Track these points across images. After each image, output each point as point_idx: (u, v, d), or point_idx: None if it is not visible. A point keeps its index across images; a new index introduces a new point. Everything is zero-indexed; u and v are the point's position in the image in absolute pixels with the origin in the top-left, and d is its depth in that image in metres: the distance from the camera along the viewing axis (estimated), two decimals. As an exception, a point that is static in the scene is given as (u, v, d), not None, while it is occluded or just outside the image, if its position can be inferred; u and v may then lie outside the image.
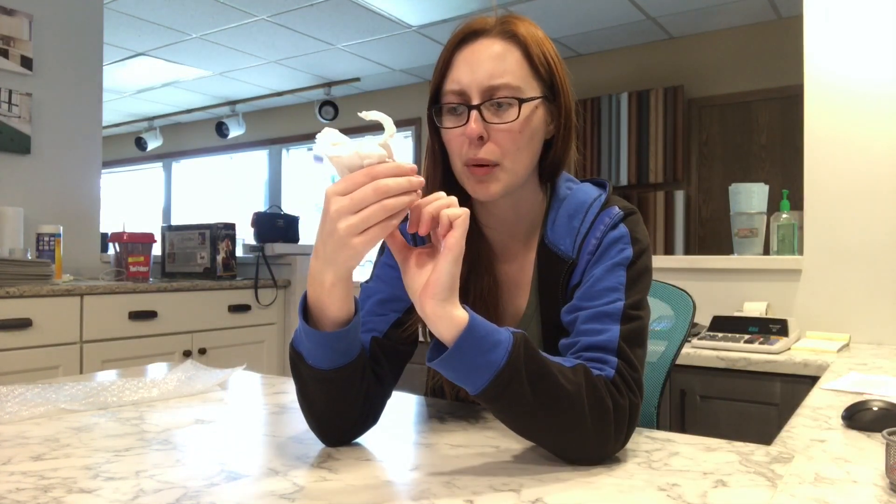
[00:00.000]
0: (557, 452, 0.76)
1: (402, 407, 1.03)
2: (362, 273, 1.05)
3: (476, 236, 0.95)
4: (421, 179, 0.68)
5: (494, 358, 0.69)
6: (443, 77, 0.89)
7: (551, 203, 0.95)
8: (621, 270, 0.85)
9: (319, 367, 0.76)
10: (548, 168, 0.95)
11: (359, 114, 0.69)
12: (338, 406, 0.79)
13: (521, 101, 0.86)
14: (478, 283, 0.93)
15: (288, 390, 1.16)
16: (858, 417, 0.97)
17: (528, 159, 0.90)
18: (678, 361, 1.33)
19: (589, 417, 0.72)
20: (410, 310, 0.92)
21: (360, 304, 0.80)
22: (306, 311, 0.75)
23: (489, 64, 0.86)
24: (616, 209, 0.90)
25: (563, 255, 0.90)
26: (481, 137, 0.85)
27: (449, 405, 1.02)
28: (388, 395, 0.88)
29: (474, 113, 0.85)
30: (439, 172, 0.93)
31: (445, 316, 0.69)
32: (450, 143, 0.89)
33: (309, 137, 6.24)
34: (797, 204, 2.19)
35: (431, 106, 0.91)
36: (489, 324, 0.71)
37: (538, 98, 0.88)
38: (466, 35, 0.89)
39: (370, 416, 0.84)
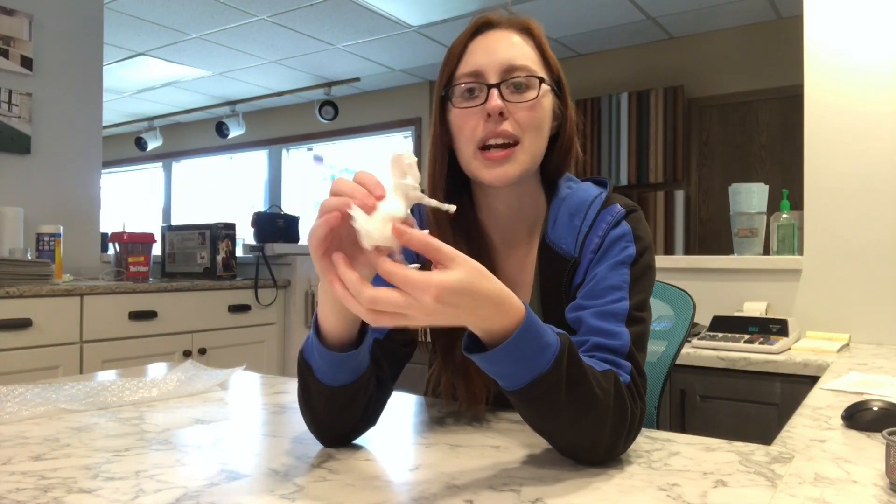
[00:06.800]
0: (566, 451, 0.75)
1: (402, 407, 1.03)
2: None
3: (477, 235, 0.95)
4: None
5: (540, 361, 0.66)
6: (456, 65, 0.90)
7: (552, 202, 0.95)
8: (625, 268, 0.85)
9: (327, 383, 0.75)
10: (553, 167, 0.96)
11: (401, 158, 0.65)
12: (340, 417, 0.79)
13: (542, 80, 0.88)
14: None
15: (288, 390, 1.16)
16: (858, 417, 0.97)
17: (542, 143, 0.91)
18: (678, 361, 1.33)
19: (610, 423, 0.71)
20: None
21: None
22: (320, 327, 0.74)
23: (507, 48, 0.88)
24: (618, 207, 0.90)
25: (565, 253, 0.90)
26: (501, 113, 0.85)
27: (449, 405, 1.02)
28: (387, 397, 0.88)
29: (494, 90, 0.86)
30: (445, 165, 0.93)
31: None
32: (463, 127, 0.88)
33: (309, 137, 6.25)
34: (797, 204, 2.19)
35: (443, 89, 0.91)
36: (539, 325, 0.67)
37: (550, 86, 0.91)
38: (481, 26, 0.91)
39: (370, 419, 0.84)
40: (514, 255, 0.97)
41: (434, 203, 0.66)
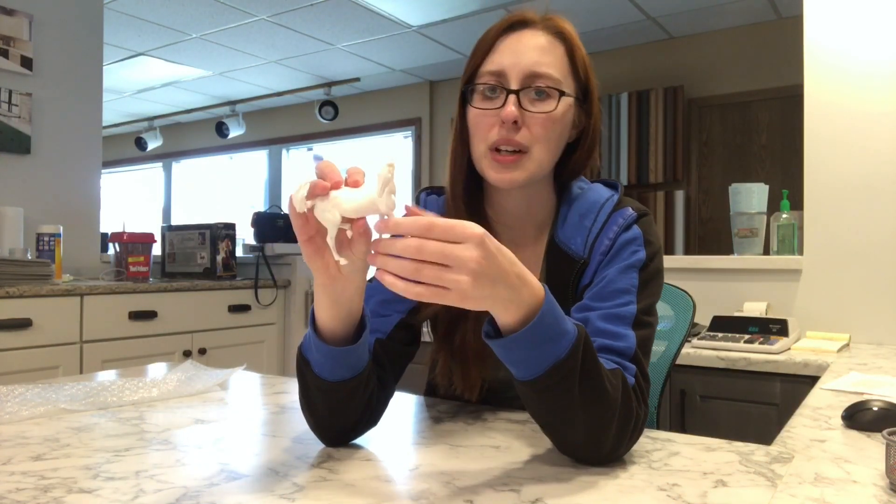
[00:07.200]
0: (569, 448, 0.75)
1: (402, 407, 1.03)
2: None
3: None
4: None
5: (558, 347, 0.66)
6: (482, 60, 0.89)
7: (562, 202, 0.95)
8: (634, 272, 0.85)
9: (326, 378, 0.75)
10: (568, 172, 0.95)
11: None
12: (340, 414, 0.78)
13: (562, 94, 0.87)
14: None
15: (288, 390, 1.16)
16: (858, 417, 0.97)
17: (553, 154, 0.90)
18: (678, 361, 1.33)
19: (616, 422, 0.71)
20: (414, 311, 0.91)
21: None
22: (316, 322, 0.74)
23: (534, 53, 0.87)
24: (629, 210, 0.90)
25: (574, 254, 0.90)
26: (515, 122, 0.85)
27: (449, 405, 1.02)
28: (389, 397, 0.88)
29: (512, 97, 0.85)
30: (466, 159, 0.92)
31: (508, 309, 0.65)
32: (477, 126, 0.88)
33: (309, 137, 6.25)
34: (797, 204, 2.19)
35: (465, 85, 0.90)
36: (558, 308, 0.67)
37: (573, 97, 0.89)
38: (513, 24, 0.90)
39: (371, 419, 0.84)
40: (522, 254, 0.96)
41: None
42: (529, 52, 0.87)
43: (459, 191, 0.93)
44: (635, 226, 0.89)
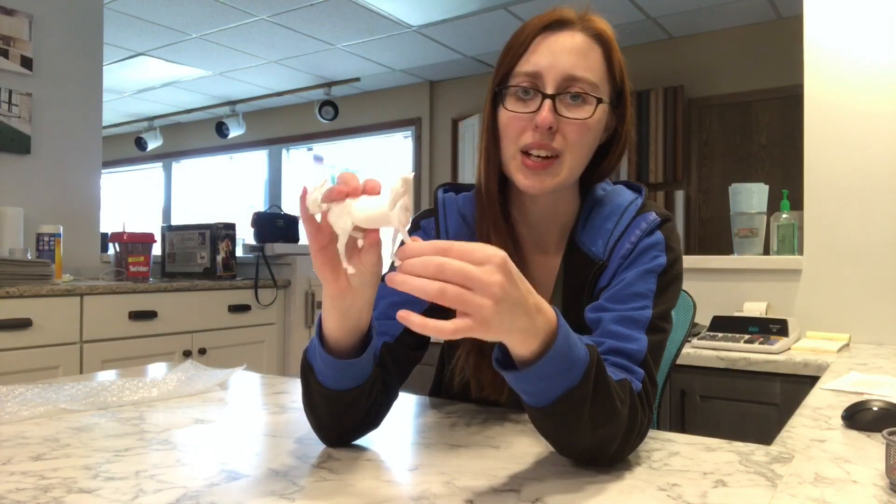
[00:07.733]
0: (571, 456, 0.74)
1: (402, 407, 1.03)
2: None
3: (507, 231, 0.93)
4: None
5: (568, 378, 0.65)
6: (518, 59, 0.87)
7: (584, 204, 0.94)
8: (653, 277, 0.84)
9: (328, 386, 0.75)
10: (597, 177, 0.95)
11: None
12: (341, 418, 0.78)
13: (599, 100, 0.85)
14: None
15: (287, 390, 1.16)
16: (858, 417, 0.97)
17: (584, 159, 0.89)
18: (678, 361, 1.33)
19: (622, 433, 0.71)
20: (424, 314, 0.90)
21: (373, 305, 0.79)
22: (322, 331, 0.74)
23: (572, 56, 0.85)
24: (653, 215, 0.89)
25: (594, 256, 0.89)
26: (550, 128, 0.83)
27: (449, 405, 1.02)
28: (392, 401, 0.87)
29: (548, 102, 0.83)
30: (498, 160, 0.90)
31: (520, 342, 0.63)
32: (507, 128, 0.87)
33: (309, 137, 6.25)
34: (797, 204, 2.19)
35: (498, 85, 0.88)
36: (571, 337, 0.65)
37: (608, 103, 0.88)
38: (551, 23, 0.87)
39: (373, 422, 0.83)
40: (544, 255, 0.96)
41: (406, 239, 0.62)
42: (567, 54, 0.84)
43: (494, 191, 0.91)
44: (658, 231, 0.88)
